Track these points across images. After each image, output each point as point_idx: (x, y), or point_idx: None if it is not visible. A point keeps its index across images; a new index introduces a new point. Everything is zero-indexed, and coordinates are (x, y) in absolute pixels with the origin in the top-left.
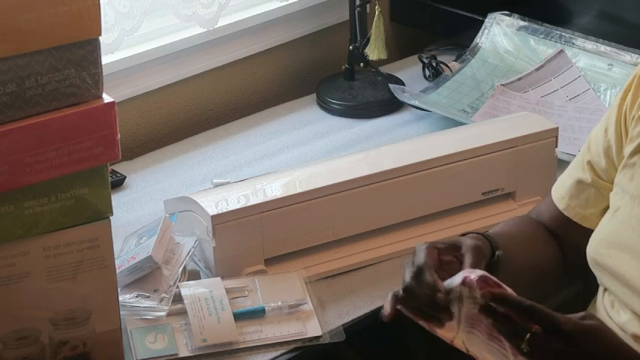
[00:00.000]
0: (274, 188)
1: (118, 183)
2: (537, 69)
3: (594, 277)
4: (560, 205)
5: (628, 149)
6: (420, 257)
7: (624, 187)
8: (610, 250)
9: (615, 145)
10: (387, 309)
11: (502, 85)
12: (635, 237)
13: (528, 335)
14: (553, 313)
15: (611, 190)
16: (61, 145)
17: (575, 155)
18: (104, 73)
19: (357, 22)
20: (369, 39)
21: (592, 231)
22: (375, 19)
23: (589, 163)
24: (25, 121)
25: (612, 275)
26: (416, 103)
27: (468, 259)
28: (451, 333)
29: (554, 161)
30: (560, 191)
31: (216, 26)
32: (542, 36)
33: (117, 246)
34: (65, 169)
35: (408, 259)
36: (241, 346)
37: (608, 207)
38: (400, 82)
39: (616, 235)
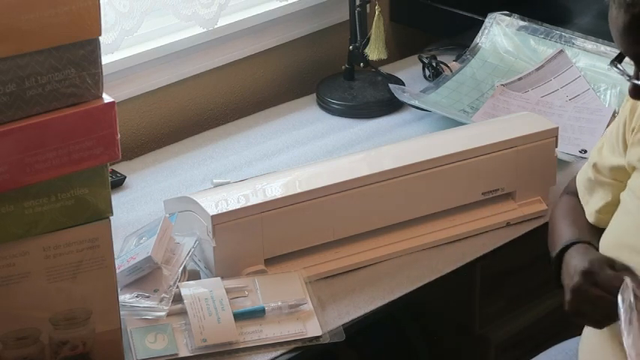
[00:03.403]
0: (274, 188)
1: (118, 183)
2: (537, 69)
3: None
4: (583, 202)
5: (633, 154)
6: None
7: (635, 190)
8: (619, 252)
9: (616, 144)
10: None
11: (502, 85)
12: None
13: None
14: None
15: (616, 187)
16: (61, 145)
17: (574, 155)
18: (104, 73)
19: (357, 22)
20: (369, 39)
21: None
22: (375, 19)
23: (594, 165)
24: (25, 121)
25: None
26: (416, 103)
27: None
28: None
29: (554, 161)
30: (581, 186)
31: (216, 26)
32: (542, 36)
33: (117, 246)
34: (65, 169)
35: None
36: (241, 346)
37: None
38: (400, 82)
39: (626, 236)
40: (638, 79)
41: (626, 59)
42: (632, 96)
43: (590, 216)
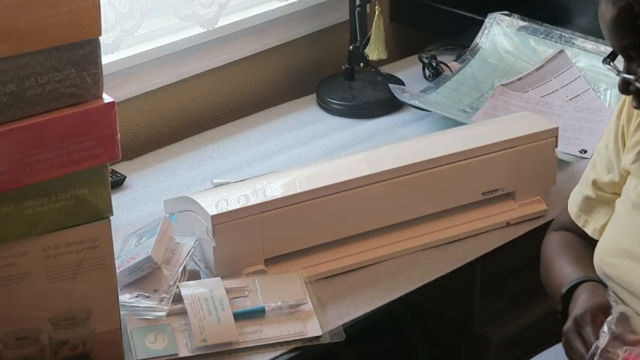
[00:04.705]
0: (274, 188)
1: (118, 183)
2: (537, 69)
3: None
4: (580, 223)
5: (628, 158)
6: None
7: (629, 195)
8: (615, 258)
9: (615, 159)
10: None
11: (502, 85)
12: (638, 244)
13: None
14: None
15: (617, 199)
16: (61, 145)
17: (574, 155)
18: (104, 73)
19: (357, 22)
20: (369, 39)
21: None
22: (375, 19)
23: (594, 181)
24: (25, 121)
25: (619, 284)
26: (416, 103)
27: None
28: None
29: (554, 161)
30: (575, 208)
31: (216, 26)
32: (542, 36)
33: (117, 246)
34: (65, 169)
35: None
36: (241, 346)
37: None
38: (400, 82)
39: (620, 242)
40: (627, 74)
41: (619, 57)
42: (622, 90)
43: (595, 233)
